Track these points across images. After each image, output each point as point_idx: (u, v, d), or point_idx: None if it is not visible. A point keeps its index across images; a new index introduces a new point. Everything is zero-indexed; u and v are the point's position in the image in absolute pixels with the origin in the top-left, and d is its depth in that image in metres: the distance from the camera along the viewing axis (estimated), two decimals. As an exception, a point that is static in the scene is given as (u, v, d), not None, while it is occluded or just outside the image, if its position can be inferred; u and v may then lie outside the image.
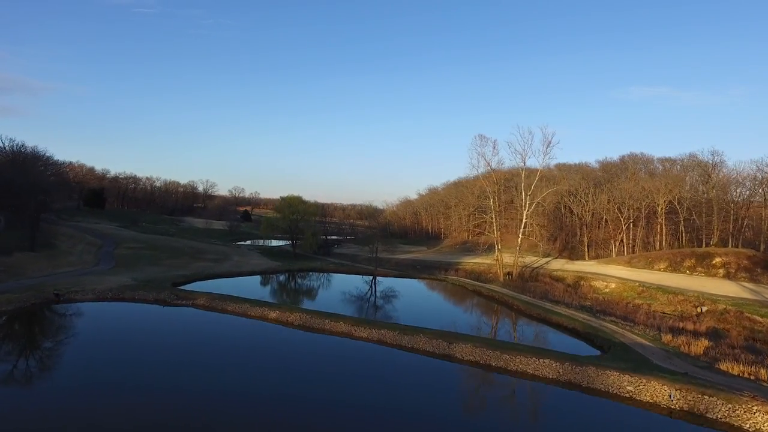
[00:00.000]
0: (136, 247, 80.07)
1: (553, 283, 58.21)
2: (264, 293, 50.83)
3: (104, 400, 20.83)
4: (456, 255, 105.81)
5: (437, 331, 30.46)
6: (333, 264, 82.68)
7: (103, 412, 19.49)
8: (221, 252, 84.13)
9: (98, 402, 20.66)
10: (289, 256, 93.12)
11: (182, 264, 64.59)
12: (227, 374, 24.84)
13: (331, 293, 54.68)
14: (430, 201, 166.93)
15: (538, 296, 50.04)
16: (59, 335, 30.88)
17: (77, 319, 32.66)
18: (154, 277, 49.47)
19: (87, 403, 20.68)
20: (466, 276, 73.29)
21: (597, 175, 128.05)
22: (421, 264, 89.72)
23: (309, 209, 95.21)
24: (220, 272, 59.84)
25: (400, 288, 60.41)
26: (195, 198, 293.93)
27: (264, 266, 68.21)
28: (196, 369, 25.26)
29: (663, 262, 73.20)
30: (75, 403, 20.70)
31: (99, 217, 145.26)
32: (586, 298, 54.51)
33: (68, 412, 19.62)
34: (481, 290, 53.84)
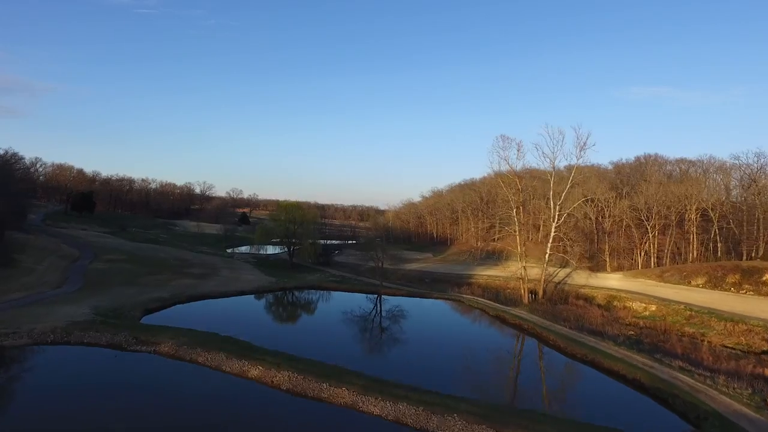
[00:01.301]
0: (116, 260, 72.61)
1: (585, 306, 50.66)
2: (250, 322, 43.19)
3: None
4: (466, 265, 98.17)
5: (480, 405, 22.03)
6: (333, 278, 75.16)
7: None
8: (209, 264, 76.57)
9: None
10: (285, 267, 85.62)
11: (163, 281, 57.11)
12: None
13: (329, 321, 47.10)
14: (435, 204, 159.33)
15: (573, 324, 42.51)
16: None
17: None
18: (122, 304, 41.97)
19: None
20: (482, 292, 65.78)
21: (611, 178, 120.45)
22: (429, 277, 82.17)
23: (307, 217, 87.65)
24: (204, 292, 52.35)
25: (410, 310, 52.96)
26: (192, 200, 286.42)
27: (255, 283, 60.67)
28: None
29: (700, 277, 65.63)
30: None
31: (87, 222, 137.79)
32: (625, 323, 47.04)
33: None
34: (506, 316, 46.24)
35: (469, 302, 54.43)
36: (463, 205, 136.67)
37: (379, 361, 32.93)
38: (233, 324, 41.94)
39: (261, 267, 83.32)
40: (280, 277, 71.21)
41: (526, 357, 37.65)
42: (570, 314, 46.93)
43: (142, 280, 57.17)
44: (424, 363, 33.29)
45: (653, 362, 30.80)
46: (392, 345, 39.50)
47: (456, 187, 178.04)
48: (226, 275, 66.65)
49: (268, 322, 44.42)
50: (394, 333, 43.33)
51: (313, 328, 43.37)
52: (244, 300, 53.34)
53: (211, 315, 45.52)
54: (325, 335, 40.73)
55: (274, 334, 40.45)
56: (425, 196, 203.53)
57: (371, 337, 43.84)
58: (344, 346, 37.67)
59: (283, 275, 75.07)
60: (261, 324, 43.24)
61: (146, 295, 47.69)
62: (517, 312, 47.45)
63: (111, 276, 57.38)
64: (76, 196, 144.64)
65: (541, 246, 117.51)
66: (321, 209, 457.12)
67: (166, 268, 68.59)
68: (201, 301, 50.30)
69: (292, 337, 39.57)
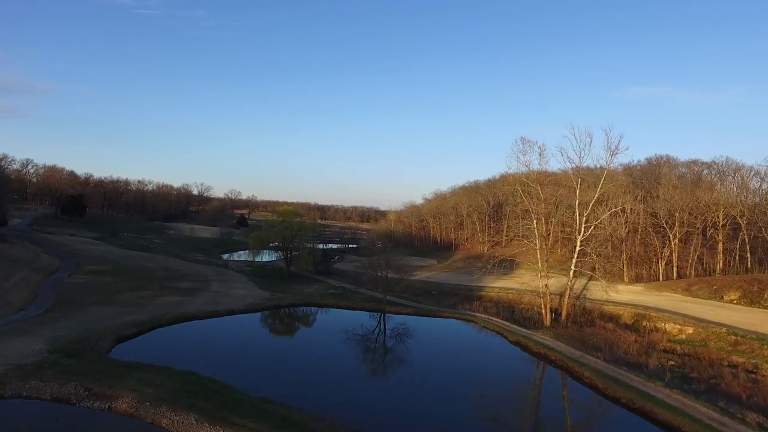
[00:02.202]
0: (99, 271, 67.33)
1: (615, 330, 45.16)
2: (236, 352, 37.82)
3: None
4: (474, 274, 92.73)
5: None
6: (332, 291, 69.87)
7: None
8: (200, 276, 71.20)
9: None
10: (281, 278, 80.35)
11: (145, 299, 51.77)
12: None
13: (328, 348, 41.72)
14: (439, 207, 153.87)
15: (607, 354, 37.11)
16: None
17: None
18: (90, 331, 36.59)
19: None
20: (495, 308, 60.42)
21: (620, 179, 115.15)
22: (437, 288, 76.80)
23: (305, 224, 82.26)
24: (189, 313, 46.96)
25: (418, 332, 47.65)
26: (189, 202, 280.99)
27: (247, 300, 55.30)
28: None
29: (733, 292, 60.24)
30: None
31: (77, 227, 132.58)
32: (661, 349, 41.68)
33: None
34: (528, 344, 40.81)
35: (484, 323, 49.01)
36: (468, 209, 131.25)
37: (388, 413, 27.53)
38: (217, 354, 36.68)
39: (256, 278, 77.98)
40: (275, 290, 65.89)
41: (558, 400, 32.22)
42: (600, 340, 41.51)
43: (122, 297, 51.82)
44: (430, 403, 28.10)
45: (721, 414, 25.43)
46: (401, 384, 34.15)
47: (459, 189, 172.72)
48: (217, 289, 61.28)
49: (257, 351, 39.00)
50: (403, 368, 38.04)
51: (310, 360, 37.96)
52: (233, 321, 47.94)
53: (193, 342, 40.18)
54: (323, 368, 35.37)
55: (264, 366, 35.12)
56: (427, 198, 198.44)
57: (375, 371, 38.57)
58: (345, 385, 32.34)
59: (278, 288, 69.76)
60: (249, 353, 37.85)
61: (122, 318, 42.33)
62: (540, 338, 42.02)
63: (88, 292, 52.05)
64: (66, 200, 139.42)
65: (553, 252, 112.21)
66: (321, 210, 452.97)
67: (152, 281, 63.26)
68: (184, 323, 44.92)
69: (284, 372, 34.19)
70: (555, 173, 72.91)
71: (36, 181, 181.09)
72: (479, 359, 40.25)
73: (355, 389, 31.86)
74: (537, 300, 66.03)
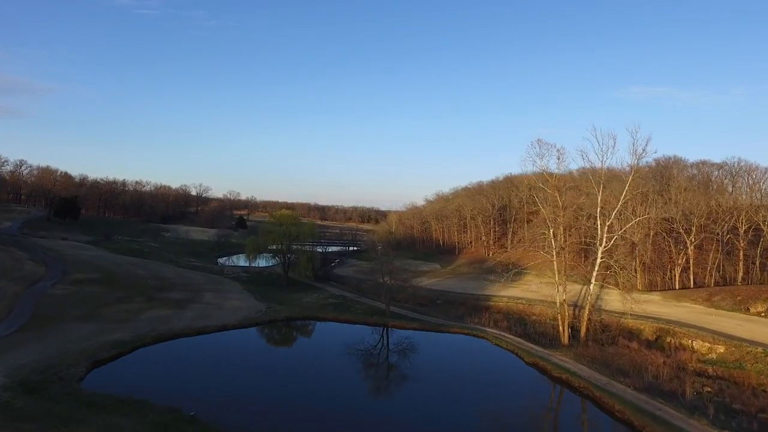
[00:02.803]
0: (86, 280, 63.69)
1: (640, 350, 41.43)
2: (225, 379, 34.17)
3: None
4: (480, 281, 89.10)
5: None
6: (332, 300, 66.35)
7: None
8: (193, 285, 67.54)
9: None
10: (279, 285, 76.78)
11: (131, 312, 48.16)
12: None
13: (326, 373, 38.07)
14: (441, 210, 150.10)
15: (636, 381, 33.45)
16: None
17: None
18: (64, 355, 32.96)
19: None
20: (505, 320, 56.83)
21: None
22: (442, 297, 73.15)
23: (304, 230, 78.60)
24: (177, 329, 43.32)
25: (423, 350, 44.09)
26: (188, 203, 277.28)
27: (241, 313, 51.64)
28: None
29: (760, 303, 56.59)
30: None
31: (70, 230, 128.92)
32: (692, 371, 38.02)
33: None
34: (546, 366, 37.11)
35: (496, 340, 45.30)
36: (472, 212, 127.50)
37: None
38: (204, 381, 33.07)
39: (252, 285, 74.37)
40: (271, 300, 62.28)
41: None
42: (625, 362, 37.83)
43: (106, 310, 48.18)
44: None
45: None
46: (408, 412, 30.51)
47: (461, 191, 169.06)
48: (209, 300, 57.63)
49: (248, 377, 35.33)
50: (410, 393, 34.43)
51: (308, 387, 34.28)
52: (224, 338, 44.27)
53: (178, 366, 36.53)
54: (323, 397, 31.75)
55: (256, 395, 31.43)
56: (429, 199, 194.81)
57: (378, 397, 34.98)
58: (346, 416, 28.74)
59: (275, 297, 66.17)
60: (239, 380, 34.18)
61: (103, 337, 38.69)
62: (559, 359, 38.32)
63: (70, 306, 48.41)
64: (59, 202, 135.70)
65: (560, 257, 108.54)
66: (321, 211, 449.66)
67: (141, 291, 59.63)
68: (169, 341, 41.26)
69: (277, 403, 30.53)
70: (572, 176, 69.31)
71: (32, 182, 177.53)
72: (493, 383, 36.57)
73: (357, 420, 28.28)
74: (549, 311, 62.42)
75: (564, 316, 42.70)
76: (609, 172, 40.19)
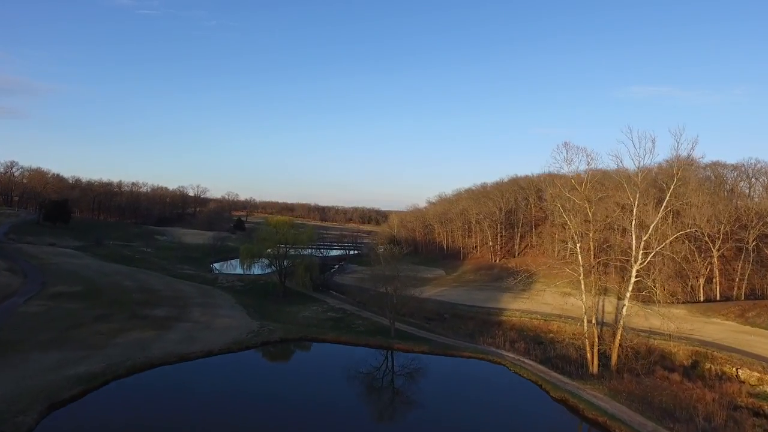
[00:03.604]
0: (65, 294, 58.81)
1: (682, 382, 36.41)
2: (197, 418, 29.30)
3: None
4: (488, 290, 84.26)
5: None
6: (331, 314, 61.57)
7: None
8: (181, 298, 62.62)
9: None
10: (275, 295, 71.95)
11: (108, 335, 43.26)
12: None
13: (319, 405, 33.18)
14: (446, 213, 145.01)
15: (686, 426, 28.51)
16: None
17: None
18: (17, 396, 28.10)
19: None
20: (520, 339, 51.96)
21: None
22: (450, 310, 68.27)
23: (301, 237, 73.67)
24: (156, 357, 38.40)
25: (433, 378, 39.32)
26: (185, 204, 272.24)
27: (230, 333, 46.70)
28: None
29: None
30: None
31: (60, 235, 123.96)
32: (745, 406, 33.14)
33: None
34: (577, 404, 32.14)
35: (515, 368, 40.32)
36: (478, 216, 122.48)
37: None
38: (181, 424, 28.17)
39: (245, 297, 69.48)
40: (265, 315, 57.42)
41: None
42: (667, 398, 32.88)
43: (80, 333, 43.25)
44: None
45: None
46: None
47: (464, 192, 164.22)
48: (197, 318, 52.70)
49: (235, 415, 30.38)
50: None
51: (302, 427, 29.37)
52: (210, 366, 39.33)
53: (153, 404, 31.58)
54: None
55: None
56: (431, 201, 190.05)
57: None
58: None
59: (270, 311, 61.35)
60: (224, 419, 29.25)
61: (69, 369, 33.80)
62: (591, 394, 33.34)
63: (39, 327, 43.51)
64: (49, 205, 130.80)
65: (568, 262, 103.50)
66: (321, 211, 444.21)
67: (124, 306, 54.72)
68: (146, 372, 36.36)
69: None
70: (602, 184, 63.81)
71: (24, 183, 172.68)
72: (517, 424, 31.64)
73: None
74: (567, 327, 57.62)
75: (593, 341, 37.75)
76: (644, 177, 35.23)
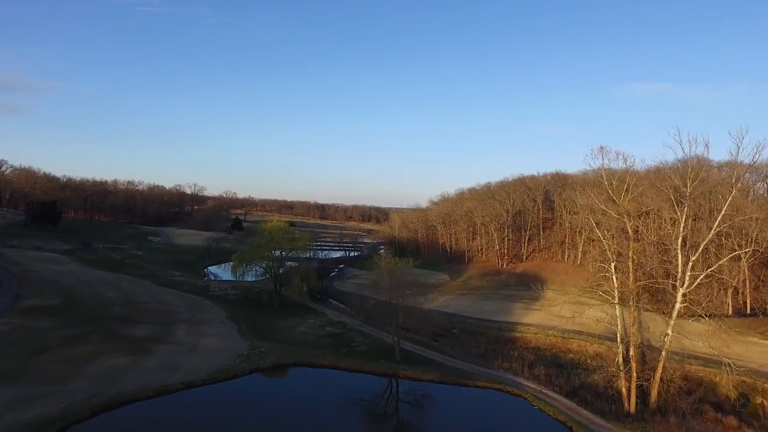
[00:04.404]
0: (38, 308, 53.83)
1: (740, 428, 31.43)
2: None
3: None
4: (497, 299, 79.24)
5: None
6: (330, 329, 56.91)
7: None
8: (167, 312, 57.59)
9: None
10: (270, 307, 67.11)
11: (76, 362, 38.27)
12: None
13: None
14: (450, 214, 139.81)
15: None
16: None
17: None
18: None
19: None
20: (541, 364, 46.86)
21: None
22: (458, 324, 63.26)
23: (298, 245, 68.63)
24: (127, 392, 33.40)
25: (444, 415, 34.51)
26: (182, 203, 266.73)
27: (217, 359, 41.70)
28: None
29: None
30: None
31: (48, 238, 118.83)
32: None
33: None
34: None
35: (538, 402, 35.35)
36: (484, 218, 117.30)
37: None
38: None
39: (237, 309, 64.54)
40: (257, 333, 52.56)
41: None
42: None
43: (43, 361, 38.18)
44: None
45: None
46: None
47: (468, 192, 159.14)
48: (181, 338, 47.66)
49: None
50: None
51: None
52: (189, 401, 34.34)
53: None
54: None
55: None
56: (434, 201, 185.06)
57: None
58: None
59: (263, 326, 56.59)
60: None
61: (17, 413, 28.87)
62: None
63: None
64: (36, 206, 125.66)
65: (581, 267, 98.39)
66: (321, 209, 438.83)
67: (102, 323, 49.68)
68: (121, 408, 31.40)
69: None
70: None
71: (16, 183, 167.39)
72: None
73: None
74: (588, 347, 52.76)
75: (630, 375, 32.72)
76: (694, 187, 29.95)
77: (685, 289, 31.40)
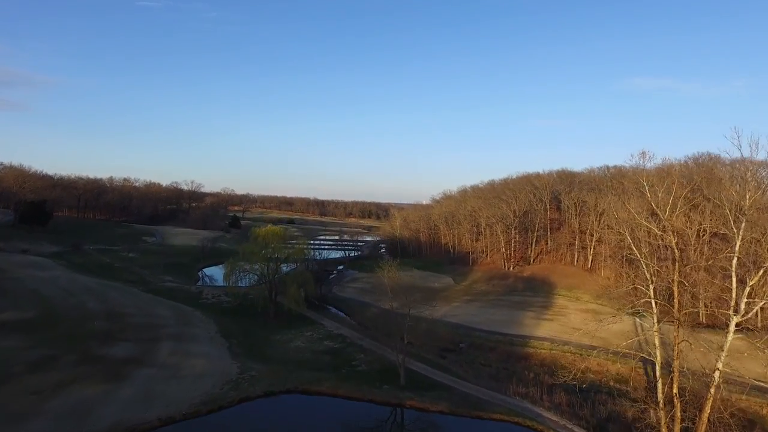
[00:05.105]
0: (9, 323, 49.68)
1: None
2: None
3: None
4: (505, 307, 74.90)
5: None
6: (328, 343, 52.72)
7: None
8: (152, 327, 53.23)
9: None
10: (264, 317, 62.98)
11: (40, 394, 34.02)
12: None
13: None
14: (453, 214, 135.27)
15: None
16: None
17: None
18: None
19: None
20: (557, 385, 42.54)
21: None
22: (466, 337, 58.95)
23: (294, 253, 64.22)
24: (96, 431, 29.06)
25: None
26: (180, 200, 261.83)
27: (203, 385, 37.44)
28: None
29: None
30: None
31: (36, 239, 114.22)
32: None
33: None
34: None
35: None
36: (489, 219, 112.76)
37: None
38: None
39: (229, 321, 60.32)
40: (249, 350, 48.36)
41: None
42: None
43: (3, 393, 33.82)
44: None
45: None
46: None
47: (471, 190, 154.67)
48: (164, 359, 43.34)
49: None
50: None
51: None
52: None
53: None
54: None
55: None
56: (436, 199, 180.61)
57: None
58: None
59: (256, 341, 52.42)
60: None
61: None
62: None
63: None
64: (24, 207, 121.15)
65: (593, 271, 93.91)
66: (320, 205, 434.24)
67: (78, 343, 45.32)
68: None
69: None
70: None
71: (5, 181, 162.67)
72: None
73: None
74: (610, 366, 48.55)
75: (677, 417, 28.33)
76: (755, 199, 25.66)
77: (740, 317, 27.11)
